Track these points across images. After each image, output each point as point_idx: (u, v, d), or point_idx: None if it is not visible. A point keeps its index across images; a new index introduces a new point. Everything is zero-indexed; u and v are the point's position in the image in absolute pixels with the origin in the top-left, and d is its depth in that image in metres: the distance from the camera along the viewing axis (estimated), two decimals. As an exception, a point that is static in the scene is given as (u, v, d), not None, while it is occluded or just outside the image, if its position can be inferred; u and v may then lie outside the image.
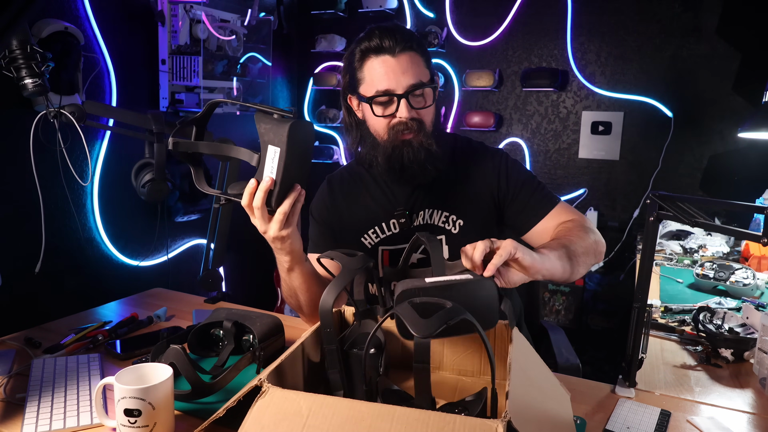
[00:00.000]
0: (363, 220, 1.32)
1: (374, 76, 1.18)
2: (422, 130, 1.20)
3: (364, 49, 1.19)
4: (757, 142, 2.34)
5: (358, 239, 1.32)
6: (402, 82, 1.16)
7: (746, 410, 1.02)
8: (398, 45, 1.16)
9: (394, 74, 1.16)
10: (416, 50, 1.18)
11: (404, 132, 1.19)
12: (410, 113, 1.18)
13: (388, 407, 0.68)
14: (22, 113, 1.82)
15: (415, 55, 1.18)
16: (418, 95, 1.19)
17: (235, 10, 2.58)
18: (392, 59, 1.16)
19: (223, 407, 0.76)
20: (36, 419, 0.92)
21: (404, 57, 1.16)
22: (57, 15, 1.91)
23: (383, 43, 1.16)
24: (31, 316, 1.46)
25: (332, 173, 1.41)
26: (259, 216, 0.99)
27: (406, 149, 1.20)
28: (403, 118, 1.18)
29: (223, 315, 1.19)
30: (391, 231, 1.30)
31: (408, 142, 1.20)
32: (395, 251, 1.30)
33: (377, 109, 1.20)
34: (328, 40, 3.11)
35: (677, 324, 1.40)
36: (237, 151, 0.99)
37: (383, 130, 1.22)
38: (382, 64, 1.17)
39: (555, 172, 2.83)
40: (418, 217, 1.29)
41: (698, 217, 0.99)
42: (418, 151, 1.20)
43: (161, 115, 1.49)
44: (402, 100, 1.17)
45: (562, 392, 0.93)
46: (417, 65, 1.18)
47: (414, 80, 1.17)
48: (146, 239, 2.33)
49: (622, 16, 2.60)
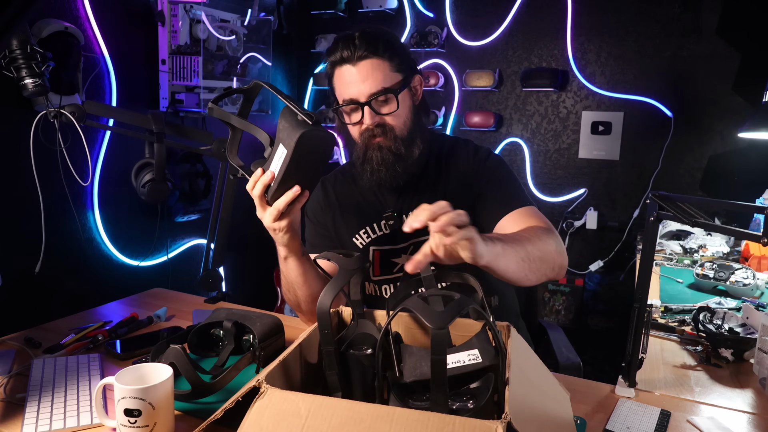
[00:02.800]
0: (355, 220, 1.35)
1: (340, 86, 1.21)
2: (391, 135, 1.22)
3: (332, 61, 1.22)
4: (757, 142, 2.34)
5: (350, 239, 1.35)
6: (363, 90, 1.18)
7: (746, 410, 1.02)
8: (357, 53, 1.17)
9: (354, 83, 1.18)
10: (380, 56, 1.18)
11: (372, 137, 1.22)
12: (374, 119, 1.20)
13: (388, 408, 0.68)
14: (22, 113, 1.82)
15: (378, 61, 1.18)
16: (383, 101, 1.20)
17: (235, 10, 2.58)
18: (352, 68, 1.18)
19: (221, 408, 0.76)
20: (36, 419, 0.92)
21: (364, 64, 1.18)
22: (57, 15, 1.91)
23: (342, 53, 1.18)
24: (31, 316, 1.46)
25: (327, 174, 1.44)
26: (257, 204, 1.05)
27: (375, 153, 1.23)
28: (368, 125, 1.21)
29: (223, 315, 1.19)
30: (382, 231, 1.33)
31: (377, 146, 1.22)
32: (386, 251, 1.33)
33: (346, 118, 1.24)
34: (328, 40, 3.11)
35: (677, 324, 1.40)
36: (258, 133, 1.03)
37: (356, 136, 1.26)
38: (344, 74, 1.19)
39: (555, 172, 2.83)
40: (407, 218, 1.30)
41: (698, 217, 0.99)
42: (386, 155, 1.22)
43: (161, 115, 1.49)
44: (366, 108, 1.19)
45: (562, 392, 0.93)
46: (379, 71, 1.18)
47: (375, 87, 1.18)
48: (146, 239, 2.33)
49: (622, 16, 2.60)
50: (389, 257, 1.32)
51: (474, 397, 0.81)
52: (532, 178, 2.87)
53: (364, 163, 1.25)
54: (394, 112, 1.21)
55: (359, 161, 1.27)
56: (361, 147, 1.25)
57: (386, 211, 1.31)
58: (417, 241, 1.31)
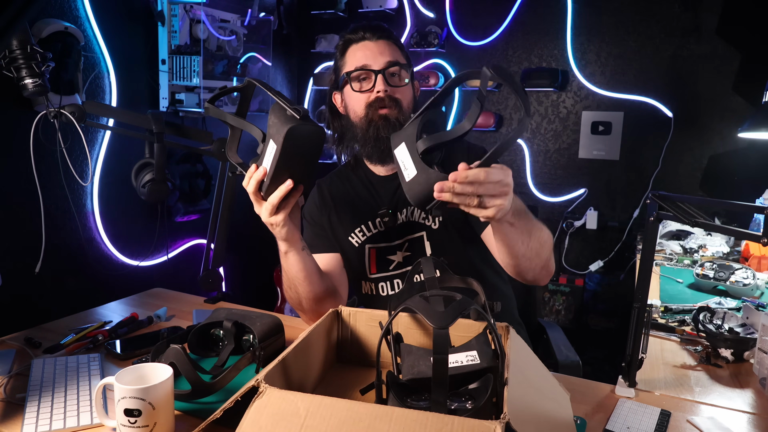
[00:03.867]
0: (350, 219, 1.37)
1: (354, 57, 1.27)
2: (399, 108, 1.26)
3: (347, 40, 1.30)
4: (757, 142, 2.34)
5: (347, 237, 1.36)
6: (379, 60, 1.25)
7: (746, 410, 1.02)
8: (377, 34, 1.27)
9: (371, 53, 1.26)
10: (394, 42, 1.30)
11: (380, 107, 1.25)
12: (386, 87, 1.24)
13: (386, 408, 0.68)
14: (22, 113, 1.82)
15: (393, 45, 1.29)
16: (395, 74, 1.26)
17: (235, 10, 2.58)
18: (371, 43, 1.27)
19: (221, 408, 0.76)
20: (36, 419, 0.92)
21: (382, 42, 1.27)
22: (57, 15, 1.91)
23: (365, 33, 1.28)
24: (31, 316, 1.46)
25: (322, 177, 1.46)
26: (253, 200, 1.07)
27: (382, 122, 1.25)
28: (380, 93, 1.24)
29: (223, 315, 1.19)
30: (377, 229, 1.34)
31: (384, 116, 1.25)
32: (381, 249, 1.34)
33: (355, 85, 1.27)
34: (328, 40, 3.11)
35: (677, 324, 1.40)
36: (253, 130, 1.05)
37: (361, 108, 1.27)
38: (362, 47, 1.27)
39: (555, 172, 2.83)
40: (402, 215, 1.33)
41: (698, 217, 0.99)
42: (394, 126, 1.23)
43: (161, 115, 1.49)
44: (379, 76, 1.24)
45: (562, 392, 0.93)
46: (394, 50, 1.28)
47: (390, 58, 1.26)
48: (146, 239, 2.33)
49: (622, 16, 2.60)
50: (385, 254, 1.34)
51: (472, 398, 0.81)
52: (532, 178, 2.87)
53: (367, 133, 1.26)
54: (404, 85, 1.27)
55: (360, 133, 1.28)
56: (365, 117, 1.27)
57: (381, 209, 1.33)
58: (411, 238, 1.32)
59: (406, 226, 1.32)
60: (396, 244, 1.33)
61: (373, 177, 1.38)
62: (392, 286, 1.34)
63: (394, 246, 1.33)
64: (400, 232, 1.33)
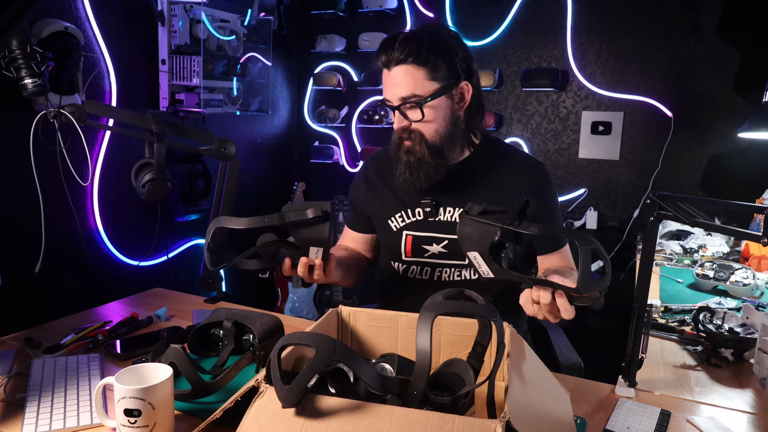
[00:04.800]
0: (392, 202, 1.39)
1: (383, 86, 1.27)
2: (418, 140, 1.25)
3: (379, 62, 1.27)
4: (757, 142, 2.34)
5: (387, 220, 1.39)
6: (395, 94, 1.23)
7: (746, 410, 1.02)
8: (392, 60, 1.21)
9: (388, 87, 1.24)
10: (415, 62, 1.19)
11: (401, 140, 1.27)
12: (402, 124, 1.25)
13: (387, 407, 0.68)
14: (22, 113, 1.82)
15: (411, 68, 1.20)
16: (411, 108, 1.22)
17: (235, 10, 2.58)
18: (388, 72, 1.23)
19: (221, 408, 0.76)
20: (36, 419, 0.92)
21: (398, 70, 1.21)
22: (57, 15, 1.91)
23: (381, 57, 1.23)
24: (31, 316, 1.46)
25: (372, 153, 1.51)
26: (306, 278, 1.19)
27: (402, 155, 1.28)
28: (396, 128, 1.27)
29: (223, 315, 1.19)
30: (416, 218, 1.36)
31: (406, 149, 1.27)
32: (418, 237, 1.36)
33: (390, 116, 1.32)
34: (328, 40, 3.11)
35: (677, 324, 1.40)
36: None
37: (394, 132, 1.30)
38: (385, 76, 1.25)
39: (555, 172, 2.83)
40: (446, 211, 1.34)
41: (698, 217, 0.99)
42: (411, 160, 1.26)
43: (161, 115, 1.49)
44: (395, 112, 1.25)
45: (562, 392, 0.93)
46: (411, 78, 1.20)
47: (405, 93, 1.21)
48: (146, 239, 2.33)
49: (622, 16, 2.60)
50: (421, 243, 1.36)
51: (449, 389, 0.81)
52: (532, 178, 2.87)
53: (396, 161, 1.30)
54: (421, 120, 1.23)
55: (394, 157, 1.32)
56: (394, 145, 1.30)
57: (425, 198, 1.34)
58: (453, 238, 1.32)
59: (449, 225, 1.33)
60: (435, 237, 1.34)
61: None
62: (421, 272, 1.37)
63: (432, 237, 1.35)
64: (442, 227, 1.34)
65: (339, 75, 3.10)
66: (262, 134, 3.10)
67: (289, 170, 3.35)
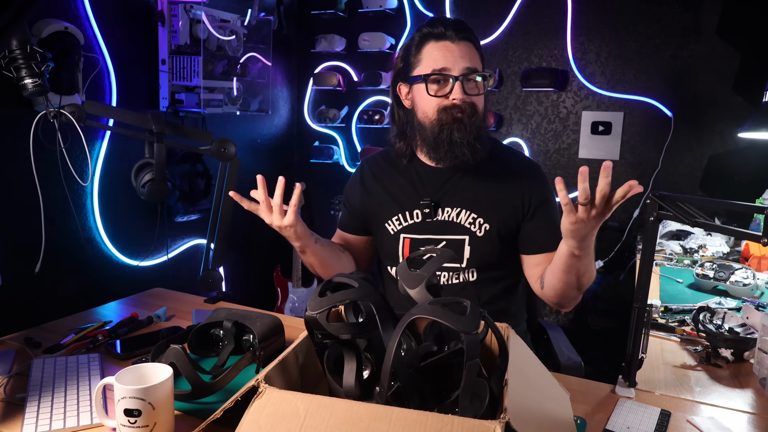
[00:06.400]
0: (389, 205, 1.38)
1: (432, 57, 1.23)
2: (475, 114, 1.25)
3: (425, 34, 1.25)
4: (757, 142, 2.34)
5: (383, 223, 1.38)
6: (459, 64, 1.22)
7: (746, 410, 1.02)
8: (459, 33, 1.23)
9: (452, 56, 1.22)
10: (474, 43, 1.26)
11: (457, 112, 1.24)
12: (463, 96, 1.23)
13: (386, 408, 0.68)
14: (22, 113, 1.82)
15: (473, 47, 1.25)
16: (472, 80, 1.24)
17: (235, 10, 2.58)
18: (452, 44, 1.23)
19: (221, 408, 0.76)
20: (36, 419, 0.92)
21: (464, 44, 1.23)
22: (57, 15, 1.91)
23: (446, 30, 1.23)
24: (31, 316, 1.46)
25: (368, 156, 1.50)
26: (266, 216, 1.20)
27: (457, 126, 1.23)
28: (456, 100, 1.23)
29: (223, 315, 1.19)
30: (414, 220, 1.35)
31: (460, 119, 1.23)
32: (416, 240, 1.35)
33: (432, 88, 1.24)
34: (328, 40, 3.11)
35: (677, 324, 1.40)
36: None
37: (433, 111, 1.25)
38: (442, 47, 1.23)
39: (555, 172, 2.83)
40: (443, 212, 1.33)
41: (698, 217, 0.99)
42: (469, 131, 1.23)
43: (161, 115, 1.49)
44: (457, 82, 1.22)
45: (562, 392, 0.93)
46: (474, 55, 1.25)
47: (470, 64, 1.23)
48: (146, 239, 2.33)
49: (622, 16, 2.60)
50: (419, 245, 1.34)
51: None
52: (532, 178, 2.87)
53: (438, 138, 1.25)
54: (481, 95, 1.26)
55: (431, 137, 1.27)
56: (437, 121, 1.25)
57: (424, 199, 1.33)
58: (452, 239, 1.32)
59: (447, 225, 1.32)
60: (433, 239, 1.33)
61: (422, 167, 1.37)
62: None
63: (430, 240, 1.34)
64: (440, 228, 1.33)
65: (339, 75, 3.10)
66: (262, 134, 3.10)
67: (289, 170, 3.35)
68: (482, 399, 0.74)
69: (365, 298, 0.82)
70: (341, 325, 0.83)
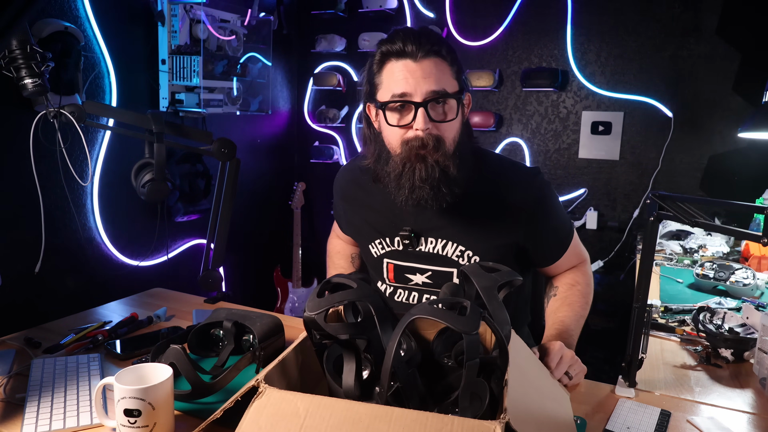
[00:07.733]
0: (371, 227, 1.29)
1: (392, 79, 1.07)
2: (441, 149, 1.07)
3: (385, 52, 1.07)
4: (757, 142, 2.34)
5: (367, 245, 1.31)
6: (421, 88, 1.04)
7: (746, 410, 1.02)
8: (422, 49, 1.04)
9: (413, 78, 1.04)
10: (444, 57, 1.07)
11: (419, 147, 1.07)
12: (427, 125, 1.05)
13: (386, 408, 0.68)
14: (22, 113, 1.82)
15: (442, 63, 1.07)
16: (439, 105, 1.07)
17: (235, 10, 2.58)
18: (413, 63, 1.05)
19: (221, 408, 0.76)
20: (36, 419, 0.92)
21: (427, 62, 1.05)
22: (57, 15, 1.91)
23: (405, 47, 1.05)
24: (31, 316, 1.46)
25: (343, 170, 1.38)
26: None
27: (419, 165, 1.08)
28: (419, 130, 1.05)
29: (223, 315, 1.19)
30: (395, 247, 1.26)
31: (422, 157, 1.07)
32: (399, 266, 1.27)
33: (391, 117, 1.08)
34: (328, 40, 3.11)
35: (677, 324, 1.40)
36: None
37: (397, 142, 1.10)
38: (402, 68, 1.05)
39: (555, 172, 2.83)
40: (427, 242, 1.21)
41: (698, 217, 0.99)
42: (432, 170, 1.07)
43: (161, 115, 1.49)
44: (420, 109, 1.05)
45: (562, 392, 0.93)
46: (441, 72, 1.06)
47: (435, 87, 1.05)
48: (146, 239, 2.33)
49: (622, 16, 2.60)
50: (403, 272, 1.27)
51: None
52: (532, 178, 2.86)
53: (401, 177, 1.10)
54: (449, 121, 1.08)
55: (394, 173, 1.11)
56: (400, 156, 1.09)
57: (403, 229, 1.21)
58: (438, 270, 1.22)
59: (433, 257, 1.22)
60: (418, 267, 1.25)
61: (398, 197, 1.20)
62: (408, 296, 1.29)
63: (414, 268, 1.25)
64: (425, 258, 1.23)
65: (339, 75, 3.10)
66: (262, 134, 3.10)
67: (289, 170, 3.35)
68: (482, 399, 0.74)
69: (363, 298, 0.82)
70: (340, 325, 0.83)
